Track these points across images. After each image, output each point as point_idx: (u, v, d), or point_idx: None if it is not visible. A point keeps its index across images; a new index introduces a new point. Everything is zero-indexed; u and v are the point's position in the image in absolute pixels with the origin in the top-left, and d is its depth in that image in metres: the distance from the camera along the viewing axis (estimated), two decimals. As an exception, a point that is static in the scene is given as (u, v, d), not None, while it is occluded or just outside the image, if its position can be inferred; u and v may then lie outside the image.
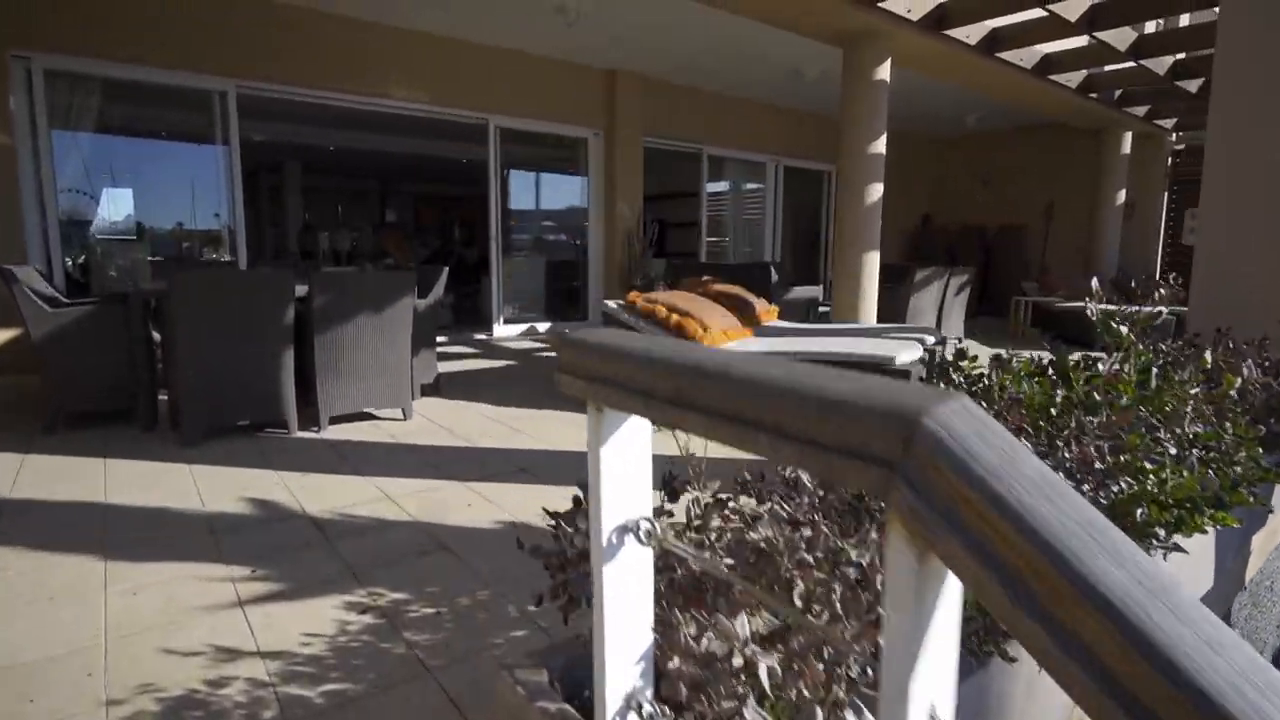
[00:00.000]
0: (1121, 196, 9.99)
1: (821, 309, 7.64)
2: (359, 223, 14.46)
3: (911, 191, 12.42)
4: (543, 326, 8.73)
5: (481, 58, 7.57)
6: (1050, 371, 1.88)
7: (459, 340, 7.94)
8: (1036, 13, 5.87)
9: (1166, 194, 10.73)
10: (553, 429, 4.17)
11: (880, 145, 6.10)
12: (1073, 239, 11.26)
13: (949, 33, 6.12)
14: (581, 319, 9.10)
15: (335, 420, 4.13)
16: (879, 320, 6.40)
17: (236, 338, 3.69)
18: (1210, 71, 7.14)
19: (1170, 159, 10.69)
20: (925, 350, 4.59)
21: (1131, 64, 7.06)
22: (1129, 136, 9.85)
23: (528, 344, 7.87)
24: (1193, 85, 7.93)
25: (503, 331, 8.38)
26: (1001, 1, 5.71)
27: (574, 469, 3.39)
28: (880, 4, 5.42)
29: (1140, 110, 9.27)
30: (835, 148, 6.32)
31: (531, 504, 2.86)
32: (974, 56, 6.61)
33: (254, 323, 3.73)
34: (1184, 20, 7.43)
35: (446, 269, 4.92)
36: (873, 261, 6.24)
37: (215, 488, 3.04)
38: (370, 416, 4.33)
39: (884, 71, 5.99)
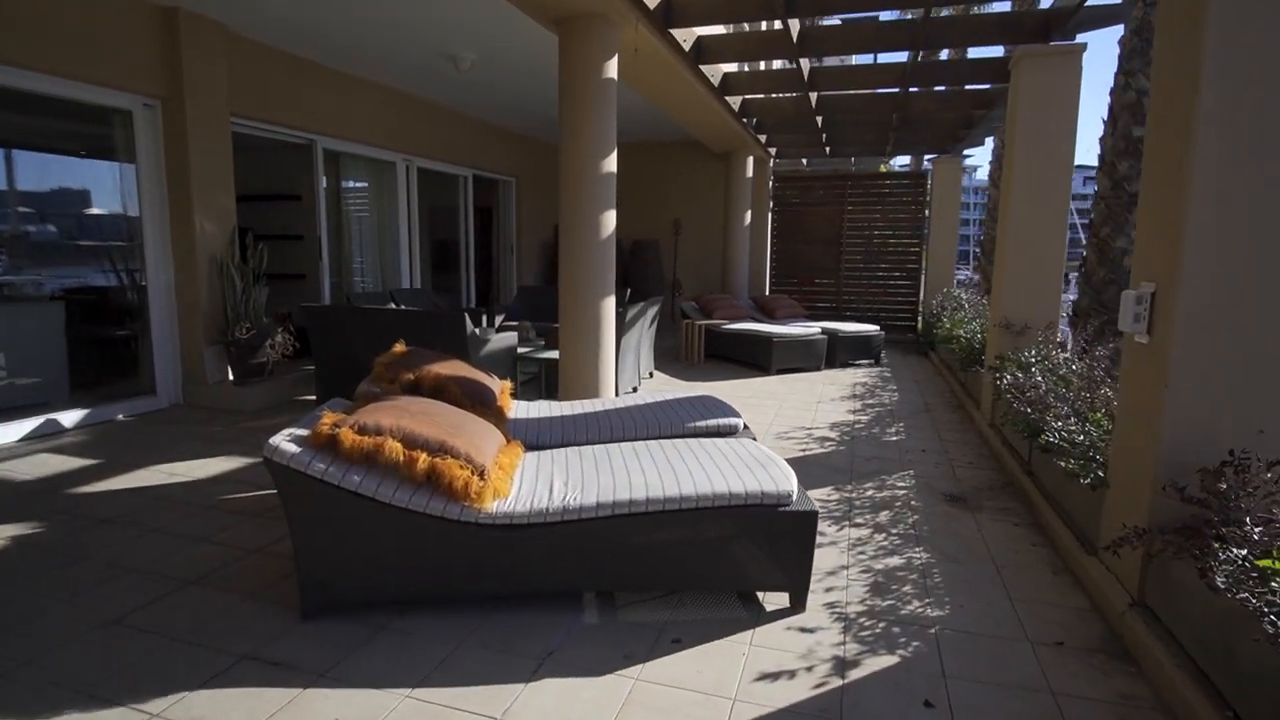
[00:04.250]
0: (749, 217, 10.58)
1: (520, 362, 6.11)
2: None
3: (543, 199, 11.54)
4: (70, 418, 5.27)
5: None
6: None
7: (-117, 470, 4.19)
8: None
9: (770, 214, 11.85)
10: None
11: (612, 162, 4.82)
12: (705, 254, 11.71)
13: (673, 31, 5.12)
14: (146, 394, 5.84)
15: None
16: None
17: None
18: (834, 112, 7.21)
19: (771, 182, 11.80)
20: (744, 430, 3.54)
21: (794, 94, 7.12)
22: (751, 160, 10.44)
23: (53, 462, 4.52)
24: (818, 120, 8.51)
25: (-12, 437, 4.77)
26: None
27: None
28: (624, -21, 4.09)
29: (764, 137, 9.83)
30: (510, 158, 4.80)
31: None
32: (681, 65, 5.78)
33: None
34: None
35: None
36: (609, 309, 4.95)
37: None
38: None
39: (612, 69, 4.69)
